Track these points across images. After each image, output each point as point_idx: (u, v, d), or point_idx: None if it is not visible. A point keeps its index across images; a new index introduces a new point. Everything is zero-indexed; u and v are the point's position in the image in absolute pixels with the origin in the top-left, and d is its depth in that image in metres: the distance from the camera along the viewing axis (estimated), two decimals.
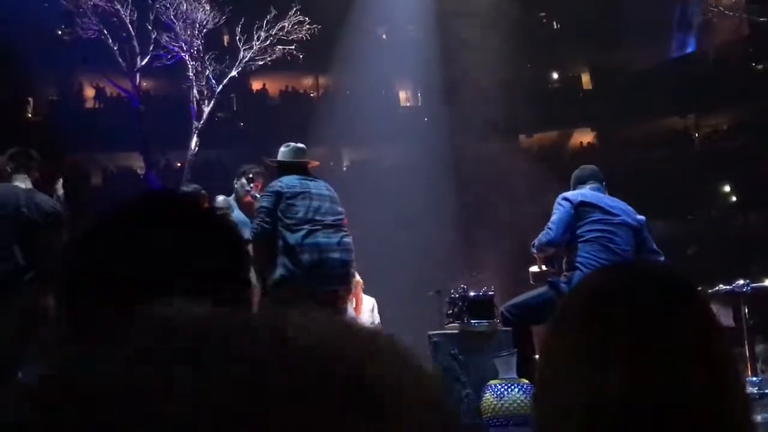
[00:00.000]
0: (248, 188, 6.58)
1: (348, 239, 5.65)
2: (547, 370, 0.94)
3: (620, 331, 0.87)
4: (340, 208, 5.78)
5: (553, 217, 5.29)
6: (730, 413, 0.87)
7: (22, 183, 5.40)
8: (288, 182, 5.63)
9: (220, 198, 6.73)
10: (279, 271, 5.38)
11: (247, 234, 6.37)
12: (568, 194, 5.38)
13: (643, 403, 0.84)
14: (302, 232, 5.43)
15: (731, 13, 13.88)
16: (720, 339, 0.92)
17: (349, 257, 5.61)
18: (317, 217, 5.52)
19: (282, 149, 5.93)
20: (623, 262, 0.94)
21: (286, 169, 5.76)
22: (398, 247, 15.73)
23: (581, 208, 5.25)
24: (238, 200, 6.70)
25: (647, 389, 0.85)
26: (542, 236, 5.32)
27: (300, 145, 5.97)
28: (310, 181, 5.75)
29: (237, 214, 6.55)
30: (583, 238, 5.19)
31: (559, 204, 5.31)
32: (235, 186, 6.82)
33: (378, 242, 10.71)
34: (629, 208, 5.45)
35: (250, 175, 6.66)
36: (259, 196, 6.44)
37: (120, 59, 13.30)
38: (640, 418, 0.84)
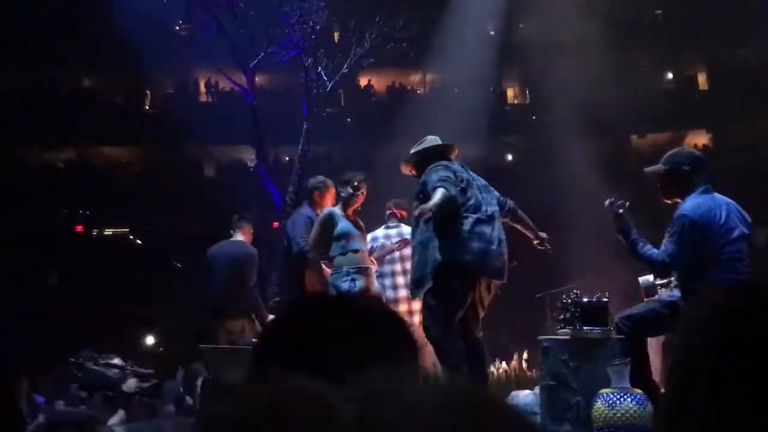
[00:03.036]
0: (357, 194, 6.46)
1: (503, 234, 5.53)
2: (674, 401, 0.88)
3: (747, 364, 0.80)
4: (494, 199, 5.64)
5: (673, 241, 4.86)
6: None
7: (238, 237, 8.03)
8: (456, 167, 5.49)
9: (327, 210, 6.57)
10: (446, 255, 5.26)
11: (358, 244, 6.37)
12: (691, 213, 4.83)
13: None
14: (471, 220, 5.32)
15: None
16: None
17: (505, 250, 5.48)
18: (482, 207, 5.40)
19: (429, 138, 5.82)
20: (747, 285, 0.85)
21: (438, 155, 5.59)
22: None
23: (706, 230, 4.89)
24: (345, 209, 6.49)
25: None
26: (657, 257, 4.97)
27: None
28: (467, 170, 5.61)
29: (343, 225, 6.38)
30: (712, 261, 4.84)
31: (681, 225, 4.83)
32: (342, 195, 6.54)
33: None
34: (739, 210, 5.06)
35: (356, 183, 6.46)
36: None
37: (235, 55, 13.61)
38: None
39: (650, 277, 5.60)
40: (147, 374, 8.72)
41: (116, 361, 8.60)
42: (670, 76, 24.71)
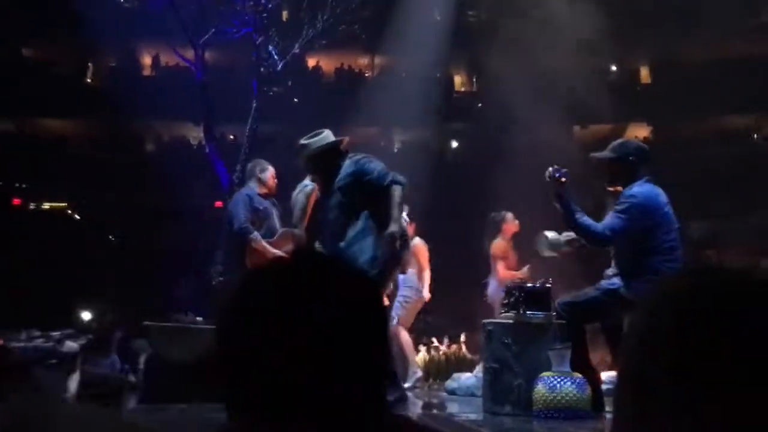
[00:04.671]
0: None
1: None
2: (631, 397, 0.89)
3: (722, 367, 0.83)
4: None
5: (619, 217, 5.01)
6: None
7: None
8: None
9: (311, 187, 6.53)
10: (375, 251, 5.29)
11: None
12: (640, 196, 5.02)
13: None
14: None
15: None
16: None
17: None
18: None
19: (326, 131, 5.69)
20: (707, 273, 0.86)
21: (336, 150, 5.63)
22: (443, 233, 15.68)
23: (653, 217, 5.02)
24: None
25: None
26: (598, 228, 5.06)
27: None
28: None
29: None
30: (655, 248, 4.98)
31: (630, 204, 4.99)
32: (306, 189, 6.51)
33: (423, 226, 10.71)
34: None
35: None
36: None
37: (184, 30, 13.36)
38: None
39: (556, 234, 5.64)
40: (77, 334, 8.54)
41: (37, 333, 8.38)
42: (613, 68, 25.10)
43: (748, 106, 22.28)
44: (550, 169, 5.11)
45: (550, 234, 5.59)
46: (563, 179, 5.07)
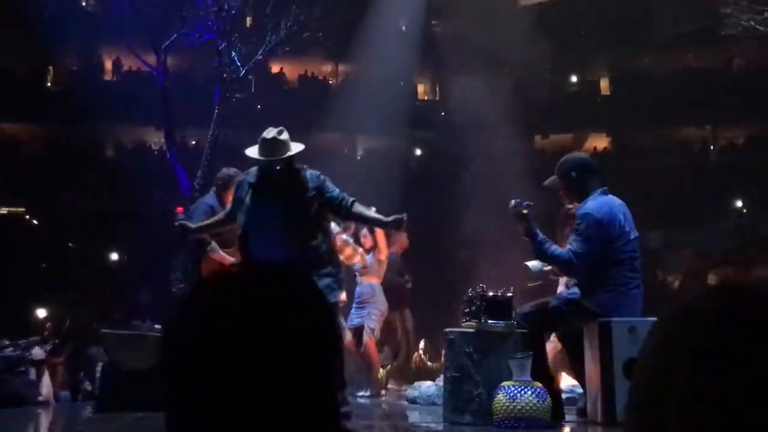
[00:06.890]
0: None
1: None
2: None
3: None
4: None
5: (579, 240, 5.02)
6: None
7: None
8: None
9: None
10: (338, 276, 5.34)
11: None
12: (595, 212, 5.05)
13: None
14: None
15: (763, 29, 13.73)
16: None
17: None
18: None
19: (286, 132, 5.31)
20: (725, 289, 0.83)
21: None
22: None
23: (609, 230, 5.08)
24: None
25: None
26: (565, 255, 5.11)
27: None
28: None
29: None
30: (615, 259, 5.04)
31: (586, 223, 5.03)
32: None
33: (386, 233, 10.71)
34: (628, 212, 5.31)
35: None
36: None
37: (146, 35, 13.26)
38: None
39: (537, 263, 5.71)
40: (40, 340, 8.47)
41: (6, 342, 8.27)
42: (574, 79, 25.40)
43: (704, 117, 22.73)
44: (513, 201, 5.13)
45: (531, 263, 5.64)
46: (525, 211, 5.10)
